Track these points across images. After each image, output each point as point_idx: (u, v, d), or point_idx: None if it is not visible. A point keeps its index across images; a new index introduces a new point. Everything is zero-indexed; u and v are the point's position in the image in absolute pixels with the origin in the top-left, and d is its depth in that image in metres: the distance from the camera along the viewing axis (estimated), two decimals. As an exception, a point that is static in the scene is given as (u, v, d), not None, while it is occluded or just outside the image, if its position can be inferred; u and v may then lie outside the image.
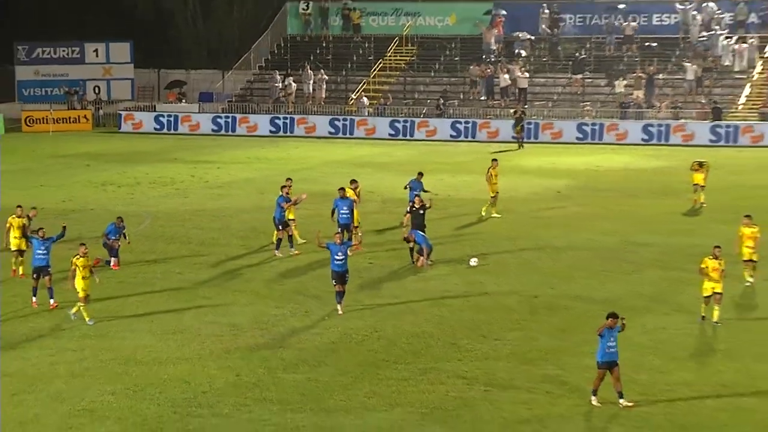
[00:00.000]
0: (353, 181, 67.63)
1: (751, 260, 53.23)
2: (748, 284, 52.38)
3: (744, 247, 53.59)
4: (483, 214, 73.03)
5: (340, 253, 50.15)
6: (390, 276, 56.95)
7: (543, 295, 54.68)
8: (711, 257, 51.04)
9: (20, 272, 56.84)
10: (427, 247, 60.26)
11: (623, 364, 43.33)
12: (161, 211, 69.59)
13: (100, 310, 49.27)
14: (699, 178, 75.65)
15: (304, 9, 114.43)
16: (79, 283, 48.72)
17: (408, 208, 61.92)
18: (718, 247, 51.73)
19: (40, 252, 51.10)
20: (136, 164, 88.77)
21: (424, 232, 61.60)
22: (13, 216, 57.94)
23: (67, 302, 51.29)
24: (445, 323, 50.19)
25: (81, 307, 48.78)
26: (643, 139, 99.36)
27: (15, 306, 52.83)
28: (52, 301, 50.83)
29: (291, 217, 63.14)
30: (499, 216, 72.19)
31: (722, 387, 41.82)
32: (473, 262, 60.11)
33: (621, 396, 39.91)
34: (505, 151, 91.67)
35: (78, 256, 49.81)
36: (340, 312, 49.63)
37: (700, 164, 75.51)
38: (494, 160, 78.07)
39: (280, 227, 63.13)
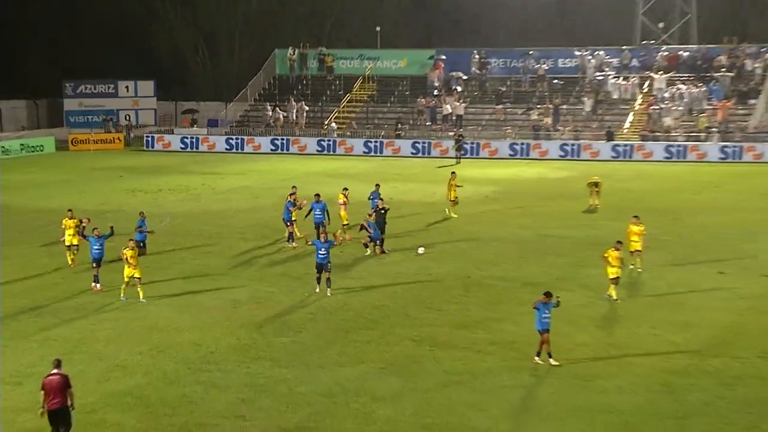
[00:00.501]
0: (345, 189, 67.42)
1: (638, 250, 53.43)
2: (633, 268, 52.36)
3: (632, 241, 53.92)
4: (447, 212, 73.13)
5: (323, 249, 50.39)
6: (356, 263, 57.05)
7: (474, 276, 54.92)
8: (613, 249, 51.40)
9: (69, 262, 56.25)
10: (377, 237, 61.03)
11: (567, 325, 43.57)
12: (178, 212, 69.69)
13: (132, 290, 49.20)
14: (594, 191, 74.98)
15: (290, 55, 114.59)
16: (126, 271, 49.13)
17: (373, 210, 62.14)
18: (620, 242, 52.27)
19: (96, 247, 51.24)
20: (158, 175, 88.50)
21: (384, 229, 62.22)
22: (66, 218, 57.34)
23: (112, 286, 51.66)
24: (398, 298, 50.48)
25: (123, 288, 48.98)
26: (559, 155, 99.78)
27: (66, 287, 53.02)
28: (98, 285, 50.69)
29: (294, 218, 62.76)
30: (456, 216, 72.17)
31: (613, 347, 42.09)
32: (420, 250, 60.40)
33: (550, 356, 40.22)
34: (447, 165, 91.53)
35: (127, 248, 50.19)
36: (329, 294, 49.90)
37: (595, 183, 76.03)
38: (453, 173, 77.30)
39: (288, 224, 63.12)
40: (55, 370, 32.27)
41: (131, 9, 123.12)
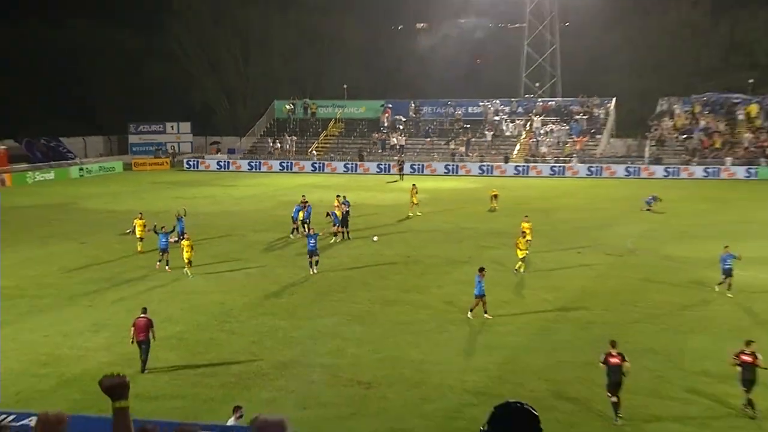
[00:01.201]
0: (338, 195, 65.94)
1: (528, 240, 52.17)
2: (520, 263, 50.42)
3: (525, 229, 53.49)
4: (410, 214, 71.89)
5: (312, 240, 50.46)
6: (327, 248, 56.63)
7: (412, 256, 55.05)
8: (521, 237, 51.95)
9: (139, 249, 55.72)
10: (337, 222, 61.17)
11: (462, 293, 43.66)
12: (207, 212, 69.54)
13: (177, 269, 49.31)
14: (493, 198, 74.15)
15: (288, 107, 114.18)
16: (185, 255, 49.35)
17: (342, 213, 62.04)
18: (524, 232, 53.42)
19: (163, 240, 51.13)
20: (193, 187, 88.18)
21: (348, 224, 62.07)
22: (137, 218, 57.05)
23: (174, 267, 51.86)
24: (360, 271, 50.80)
25: (186, 268, 49.18)
26: (479, 173, 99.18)
27: (132, 265, 53.07)
28: (168, 267, 50.42)
29: (301, 217, 62.30)
30: (420, 214, 71.65)
31: (508, 304, 42.53)
32: (375, 238, 60.06)
33: (486, 312, 40.36)
34: (395, 181, 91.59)
35: (186, 239, 50.84)
36: (314, 272, 49.71)
37: (495, 196, 75.21)
38: (414, 185, 76.69)
39: (294, 221, 62.24)
40: (142, 315, 34.36)
41: (177, 74, 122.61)
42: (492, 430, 6.35)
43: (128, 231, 61.38)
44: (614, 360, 28.90)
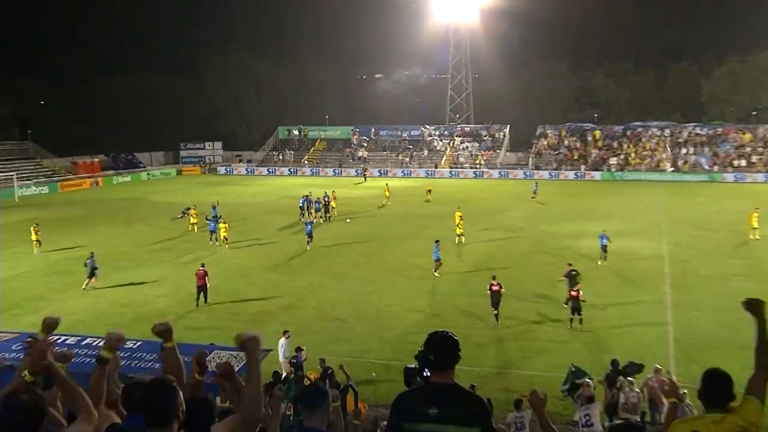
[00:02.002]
0: (333, 191, 65.80)
1: (459, 225, 50.34)
2: (459, 238, 49.66)
3: (457, 220, 50.91)
4: (383, 203, 69.88)
5: (309, 226, 49.64)
6: (319, 228, 56.37)
7: (373, 232, 54.53)
8: (458, 218, 50.78)
9: (194, 230, 54.55)
10: (318, 209, 60.28)
11: (408, 258, 43.71)
12: (230, 203, 68.27)
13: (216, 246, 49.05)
14: (428, 192, 73.33)
15: (286, 129, 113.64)
16: (222, 233, 48.97)
17: (324, 203, 61.57)
18: (461, 217, 51.56)
19: (212, 224, 50.09)
20: (223, 186, 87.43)
21: (329, 209, 61.42)
22: (193, 209, 56.39)
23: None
24: (337, 244, 50.12)
25: (225, 244, 48.72)
26: (425, 176, 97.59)
27: (185, 240, 52.83)
28: (216, 242, 49.48)
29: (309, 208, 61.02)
30: (390, 204, 69.67)
31: (445, 265, 42.18)
32: (348, 220, 59.64)
33: (436, 270, 40.34)
34: (361, 182, 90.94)
35: (223, 222, 50.13)
36: (309, 248, 48.29)
37: (429, 190, 74.26)
38: (387, 183, 76.36)
39: (301, 210, 60.87)
40: (201, 268, 35.72)
41: (212, 108, 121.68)
42: (426, 350, 6.43)
43: (179, 216, 61.49)
44: (495, 288, 32.45)
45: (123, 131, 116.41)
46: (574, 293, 31.53)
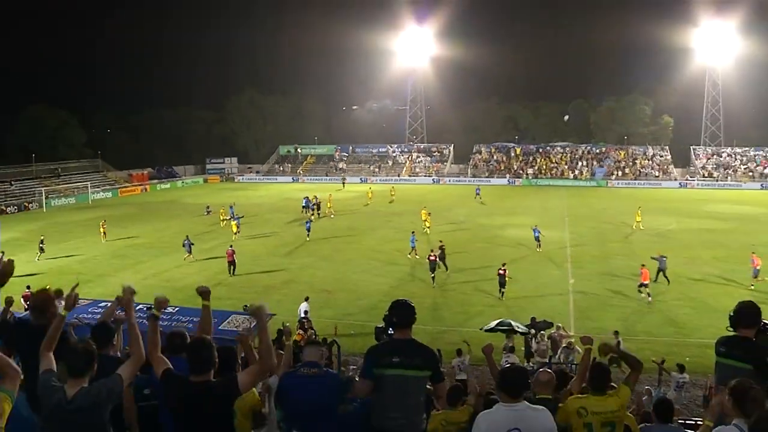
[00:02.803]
0: (329, 194, 64.94)
1: (427, 221, 49.88)
2: (426, 230, 48.63)
3: (424, 216, 50.43)
4: (368, 203, 68.56)
5: (308, 223, 48.23)
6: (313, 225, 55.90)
7: (352, 226, 54.00)
8: (425, 215, 50.56)
9: (223, 225, 53.29)
10: (312, 208, 59.38)
11: (383, 242, 43.59)
12: (243, 204, 67.35)
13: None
14: (392, 193, 73.61)
15: (285, 148, 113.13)
16: (233, 229, 48.12)
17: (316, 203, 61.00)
18: (429, 213, 51.82)
19: (236, 224, 48.50)
20: (237, 191, 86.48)
21: (320, 207, 60.64)
22: (222, 208, 55.92)
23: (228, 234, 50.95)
24: (325, 234, 49.52)
25: (235, 237, 47.70)
26: (390, 182, 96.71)
27: (213, 231, 52.23)
28: (237, 234, 47.96)
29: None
30: (370, 204, 67.75)
31: (402, 251, 42.19)
32: (332, 216, 59.25)
33: (409, 254, 40.15)
34: (340, 189, 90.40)
35: (233, 219, 49.62)
36: (308, 239, 47.18)
37: (392, 191, 74.34)
38: (370, 187, 76.05)
39: (304, 208, 60.31)
40: (230, 248, 37.44)
41: (229, 132, 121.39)
42: (391, 314, 6.61)
43: (206, 213, 61.25)
44: (432, 257, 34.16)
45: (165, 150, 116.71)
46: (501, 271, 31.65)
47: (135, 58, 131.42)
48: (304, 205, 61.43)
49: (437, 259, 34.97)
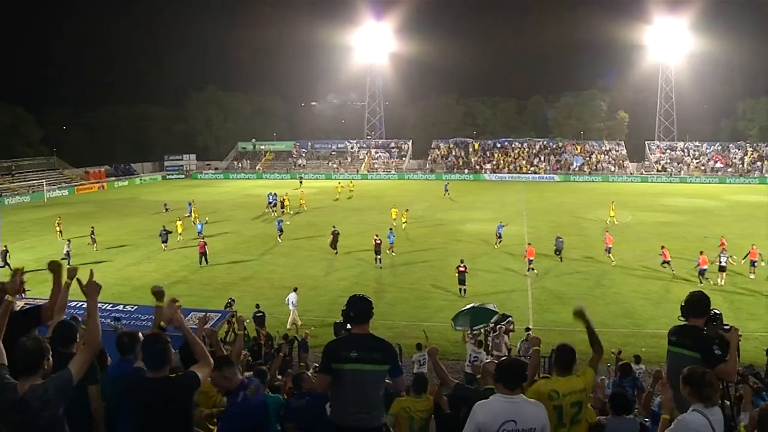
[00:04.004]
0: (301, 191, 64.65)
1: (403, 216, 49.15)
2: (404, 225, 48.29)
3: (394, 215, 50.33)
4: (337, 197, 69.03)
5: (279, 223, 45.88)
6: (271, 221, 55.38)
7: (311, 222, 53.40)
8: (396, 213, 50.42)
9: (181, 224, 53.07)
10: (273, 201, 58.87)
11: (342, 238, 43.37)
12: (204, 200, 66.23)
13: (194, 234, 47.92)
14: (351, 188, 73.48)
15: (243, 144, 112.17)
16: (178, 229, 46.99)
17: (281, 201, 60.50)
18: (407, 209, 51.75)
19: (199, 227, 45.13)
20: (197, 188, 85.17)
21: (285, 207, 60.49)
22: (194, 206, 54.47)
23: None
24: (308, 230, 48.90)
25: (180, 237, 47.14)
26: (359, 177, 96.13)
27: (171, 229, 51.67)
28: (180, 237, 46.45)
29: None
30: (339, 199, 67.74)
31: (360, 244, 42.11)
32: (305, 210, 58.63)
33: (389, 250, 39.84)
34: (297, 187, 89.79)
35: (180, 221, 48.20)
36: (280, 241, 47.30)
37: (351, 187, 73.92)
38: (339, 182, 75.87)
39: (271, 204, 59.38)
40: (201, 239, 38.92)
41: (188, 129, 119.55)
42: (348, 309, 6.63)
43: (164, 210, 60.28)
44: (377, 240, 36.27)
45: (123, 147, 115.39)
46: (461, 269, 31.52)
47: (93, 54, 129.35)
48: (269, 201, 60.63)
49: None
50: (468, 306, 23.99)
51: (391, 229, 42.40)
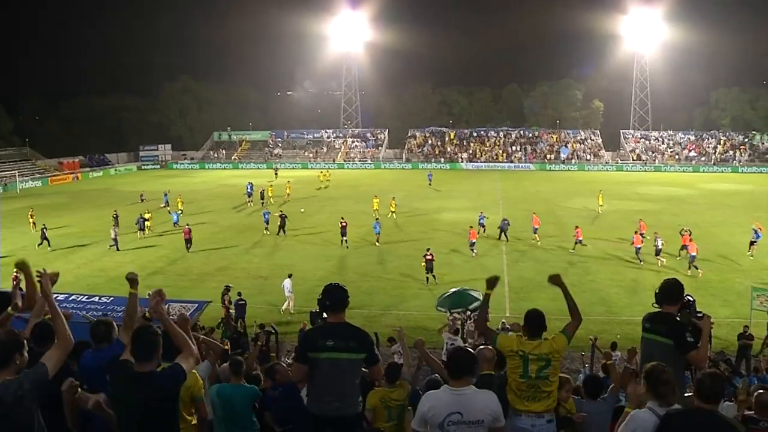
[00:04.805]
0: (288, 181, 63.99)
1: (391, 205, 50.07)
2: (392, 215, 48.98)
3: (375, 205, 49.27)
4: (321, 187, 68.90)
5: (266, 215, 44.84)
6: (254, 211, 54.99)
7: (287, 211, 53.28)
8: (392, 201, 50.57)
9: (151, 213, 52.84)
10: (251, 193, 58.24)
11: (318, 226, 43.21)
12: (181, 190, 65.07)
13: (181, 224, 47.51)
14: (328, 177, 73.63)
15: (219, 134, 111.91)
16: (147, 223, 46.48)
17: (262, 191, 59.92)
18: (393, 197, 51.86)
19: (175, 216, 46.44)
20: (172, 178, 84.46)
21: (264, 198, 59.54)
22: (179, 197, 54.12)
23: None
24: (299, 222, 49.15)
25: (149, 230, 46.42)
26: (336, 167, 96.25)
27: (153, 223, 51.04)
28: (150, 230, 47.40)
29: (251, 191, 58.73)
30: (321, 188, 62.98)
31: (338, 235, 42.09)
32: (302, 210, 57.57)
33: (377, 242, 39.55)
34: (272, 180, 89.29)
35: (147, 213, 47.64)
36: (267, 232, 46.93)
37: (328, 176, 73.66)
38: (321, 171, 75.81)
39: (249, 196, 58.91)
40: (186, 226, 39.27)
41: (163, 119, 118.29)
42: (324, 298, 6.63)
43: (140, 200, 59.80)
44: (343, 223, 37.14)
45: (97, 137, 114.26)
46: (428, 257, 31.53)
47: (66, 45, 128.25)
48: (248, 191, 59.84)
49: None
50: (453, 290, 24.04)
51: (377, 219, 42.37)
